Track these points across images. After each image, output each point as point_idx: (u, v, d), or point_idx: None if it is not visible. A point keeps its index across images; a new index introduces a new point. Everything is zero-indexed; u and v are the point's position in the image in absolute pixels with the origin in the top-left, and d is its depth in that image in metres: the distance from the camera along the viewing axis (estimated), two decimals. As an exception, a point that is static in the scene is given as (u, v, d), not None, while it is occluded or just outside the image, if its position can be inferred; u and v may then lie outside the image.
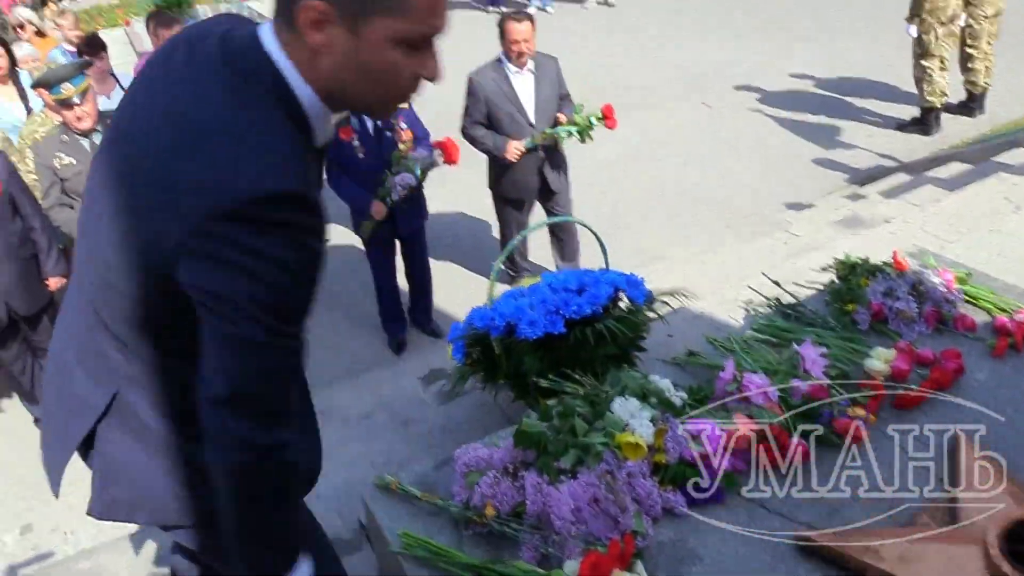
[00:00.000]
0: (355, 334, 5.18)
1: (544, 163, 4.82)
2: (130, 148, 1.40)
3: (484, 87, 4.68)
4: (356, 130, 4.42)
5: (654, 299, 2.83)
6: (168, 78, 1.42)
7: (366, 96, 1.40)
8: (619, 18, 11.58)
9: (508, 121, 4.68)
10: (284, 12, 1.32)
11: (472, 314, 2.70)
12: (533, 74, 4.67)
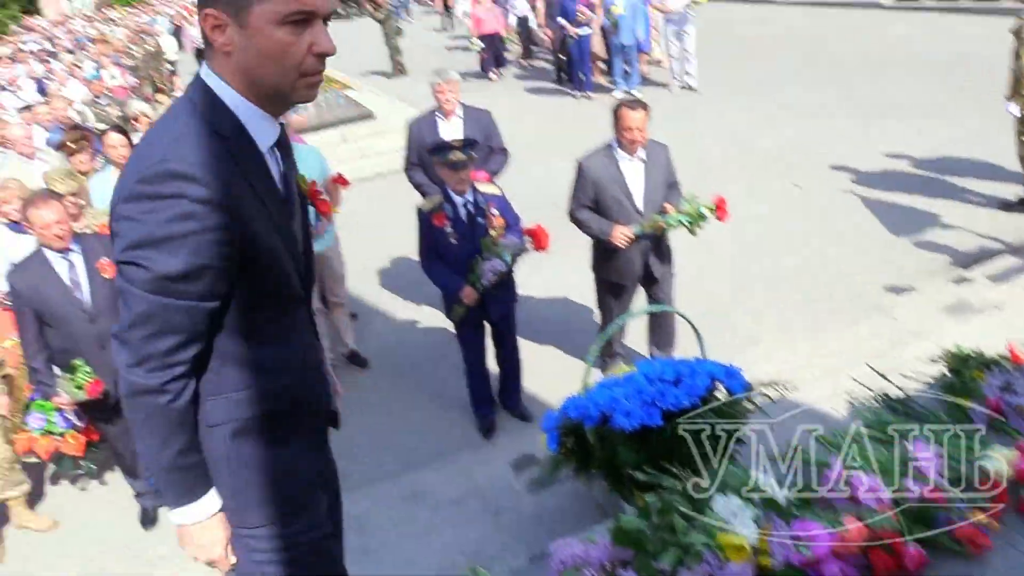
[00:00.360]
0: (444, 416, 5.20)
1: (649, 250, 4.81)
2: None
3: (593, 172, 4.70)
4: (449, 217, 4.53)
5: (753, 390, 2.76)
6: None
7: (274, 77, 1.71)
8: (703, 100, 11.66)
9: (616, 207, 4.68)
10: (202, 34, 1.70)
11: (567, 403, 2.68)
12: (643, 162, 4.67)
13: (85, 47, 17.14)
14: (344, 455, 4.80)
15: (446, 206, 4.56)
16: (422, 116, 5.92)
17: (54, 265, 4.12)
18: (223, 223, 1.67)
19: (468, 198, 4.57)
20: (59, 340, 4.17)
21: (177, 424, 1.82)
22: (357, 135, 11.50)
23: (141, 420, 1.82)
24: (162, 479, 1.89)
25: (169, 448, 1.83)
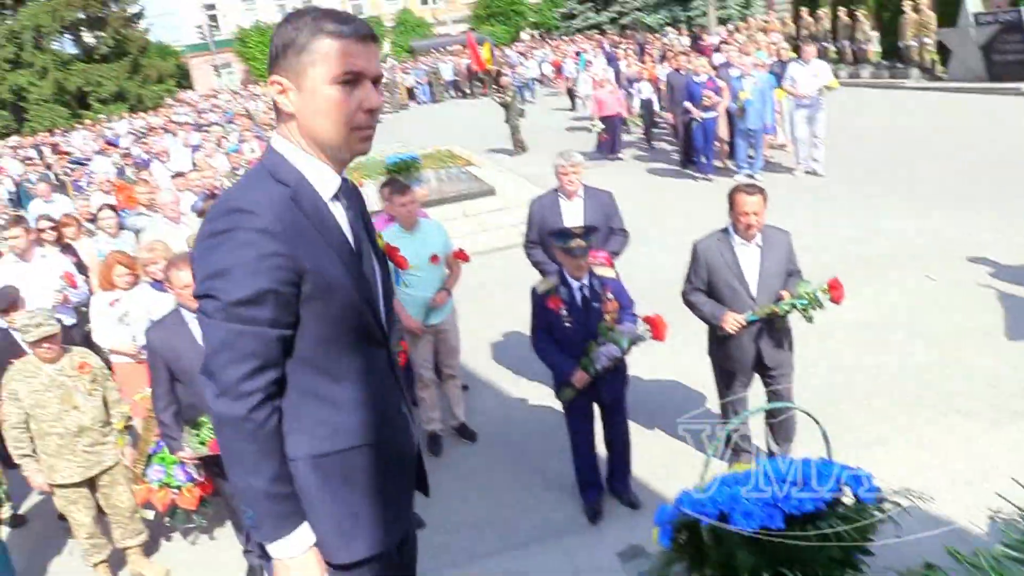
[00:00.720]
0: (548, 496, 5.11)
1: (762, 337, 4.67)
2: None
3: (707, 255, 4.67)
4: (564, 300, 4.53)
5: (883, 498, 2.58)
6: None
7: (329, 132, 1.93)
8: (828, 186, 11.37)
9: (729, 292, 4.62)
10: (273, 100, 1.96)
11: (681, 496, 2.58)
12: (760, 247, 4.60)
13: (232, 121, 18.37)
14: (446, 528, 4.87)
15: (561, 289, 4.56)
16: (544, 195, 6.00)
17: (189, 324, 4.24)
18: (280, 251, 1.84)
19: (584, 282, 4.56)
20: (188, 395, 4.25)
21: (265, 452, 1.91)
22: (478, 210, 11.79)
23: (230, 449, 1.92)
24: (256, 509, 1.94)
25: (260, 476, 1.91)
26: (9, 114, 38.76)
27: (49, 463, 4.58)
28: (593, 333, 4.50)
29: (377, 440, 2.09)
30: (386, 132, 21.46)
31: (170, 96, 41.00)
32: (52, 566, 5.29)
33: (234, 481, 1.96)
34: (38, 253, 6.50)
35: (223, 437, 1.92)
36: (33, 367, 4.55)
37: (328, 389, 2.00)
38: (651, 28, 32.60)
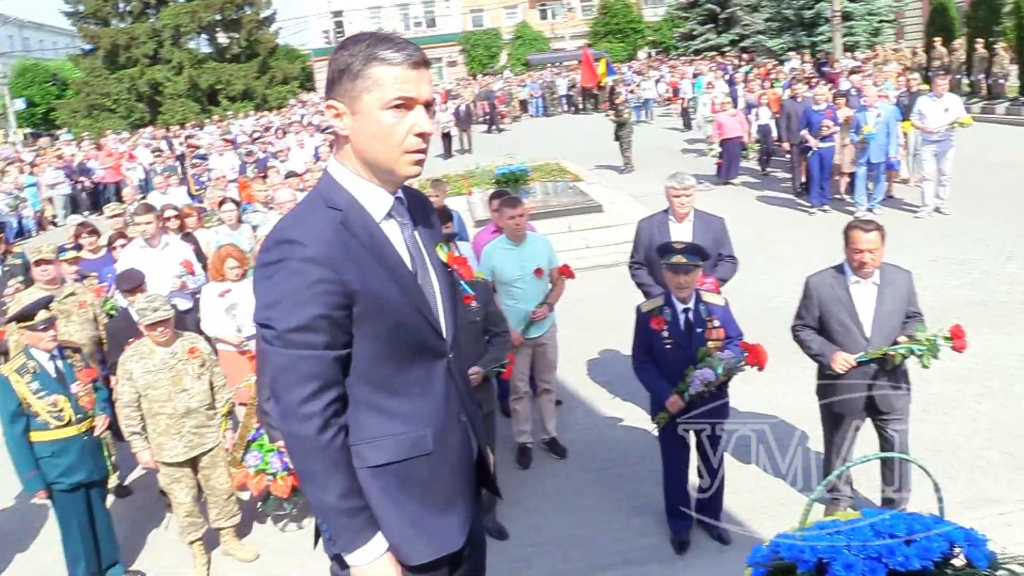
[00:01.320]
0: (635, 521, 5.03)
1: (876, 380, 4.45)
2: None
3: (820, 291, 4.51)
4: (667, 321, 4.47)
5: (999, 564, 2.42)
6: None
7: (381, 155, 2.00)
8: (954, 227, 10.81)
9: (840, 331, 4.44)
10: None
11: (778, 540, 2.47)
12: (877, 286, 4.41)
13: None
14: (529, 542, 4.85)
15: (666, 310, 4.50)
16: (654, 216, 5.94)
17: None
18: (326, 277, 1.92)
19: (690, 305, 4.48)
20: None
21: (334, 468, 1.98)
22: (583, 226, 11.76)
23: (300, 467, 2.01)
24: (331, 523, 2.04)
25: (330, 492, 1.98)
26: (145, 106, 41.04)
27: (157, 441, 4.78)
28: (693, 358, 4.41)
29: (434, 449, 2.14)
30: (497, 143, 21.73)
31: (293, 97, 42.60)
32: (150, 537, 5.54)
33: (308, 497, 2.05)
34: (163, 240, 6.84)
35: (293, 456, 2.02)
36: (147, 349, 4.75)
37: (386, 402, 2.08)
38: (772, 52, 31.89)
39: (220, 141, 17.69)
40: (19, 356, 4.73)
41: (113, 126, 36.22)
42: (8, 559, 5.43)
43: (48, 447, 4.62)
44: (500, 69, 45.85)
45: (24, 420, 4.57)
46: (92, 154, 22.41)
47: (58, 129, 40.81)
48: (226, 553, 5.17)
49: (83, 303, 6.12)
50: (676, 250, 4.44)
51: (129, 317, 5.56)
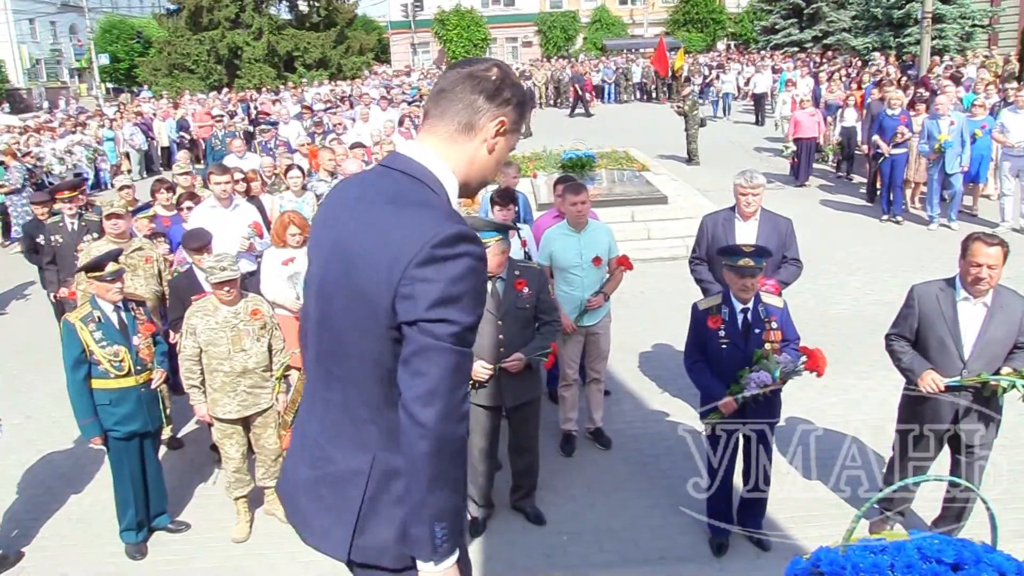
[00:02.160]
0: (675, 519, 4.97)
1: (967, 411, 4.19)
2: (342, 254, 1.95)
3: (923, 303, 4.26)
4: (725, 320, 4.38)
5: (1050, 599, 2.33)
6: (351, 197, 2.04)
7: (491, 175, 2.14)
8: None
9: (937, 347, 4.19)
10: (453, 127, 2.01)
11: (820, 553, 2.42)
12: (987, 307, 4.13)
13: (414, 101, 18.91)
14: (566, 530, 4.84)
15: (724, 309, 4.41)
16: (719, 212, 5.85)
17: None
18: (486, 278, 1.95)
19: (749, 306, 4.39)
20: None
21: (464, 470, 1.94)
22: (646, 216, 11.63)
23: (443, 470, 1.84)
24: (451, 527, 1.87)
25: (460, 494, 1.91)
26: (223, 69, 41.80)
27: (213, 397, 4.91)
28: (749, 359, 4.32)
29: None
30: (566, 127, 21.60)
31: (368, 68, 42.96)
32: (198, 490, 5.69)
33: (434, 502, 1.84)
34: (234, 202, 6.96)
35: (440, 460, 1.82)
36: (212, 306, 4.87)
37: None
38: (856, 51, 30.96)
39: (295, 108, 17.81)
40: (85, 305, 4.89)
41: (192, 87, 36.97)
42: (63, 499, 5.63)
43: (107, 395, 4.77)
44: (576, 52, 45.44)
45: (86, 367, 4.73)
46: (169, 112, 22.91)
47: (139, 86, 41.87)
48: (268, 512, 5.29)
49: (149, 258, 6.28)
50: (744, 253, 4.34)
51: (193, 275, 5.69)
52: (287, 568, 4.83)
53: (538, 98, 31.70)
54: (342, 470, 2.00)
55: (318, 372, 2.08)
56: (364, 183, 2.07)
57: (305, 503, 2.08)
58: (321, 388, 2.07)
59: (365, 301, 1.88)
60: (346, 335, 1.95)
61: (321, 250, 2.05)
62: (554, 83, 32.18)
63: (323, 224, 2.11)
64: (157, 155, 21.05)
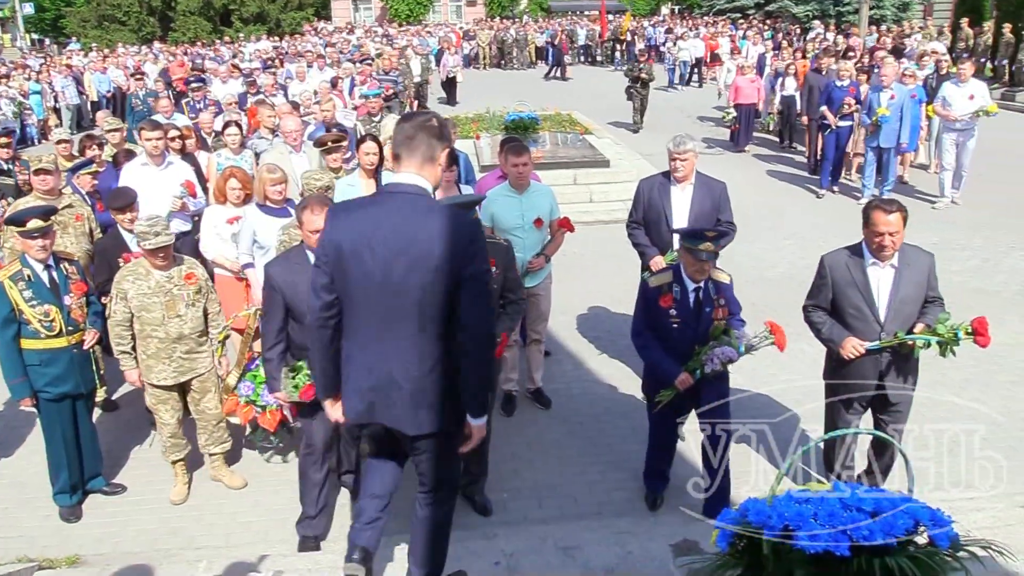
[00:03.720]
0: (613, 476, 5.12)
1: (889, 369, 4.32)
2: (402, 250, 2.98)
3: (834, 272, 4.33)
4: (676, 300, 4.35)
5: (960, 546, 2.46)
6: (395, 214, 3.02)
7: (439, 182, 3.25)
8: (963, 217, 10.59)
9: (854, 314, 4.27)
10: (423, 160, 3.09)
11: (748, 503, 2.51)
12: (895, 268, 4.23)
13: (354, 60, 18.31)
14: (508, 487, 4.91)
15: (675, 288, 4.37)
16: (654, 177, 5.91)
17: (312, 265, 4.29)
18: None
19: (700, 285, 4.37)
20: (299, 337, 4.24)
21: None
22: (589, 179, 11.69)
23: (488, 362, 3.16)
24: (484, 395, 3.22)
25: (490, 376, 3.33)
26: (156, 21, 40.37)
27: (146, 363, 4.79)
28: (699, 337, 4.32)
29: None
30: (510, 89, 21.43)
31: (308, 23, 41.89)
32: (133, 452, 5.61)
33: (481, 381, 3.16)
34: (166, 159, 6.77)
35: (486, 353, 3.12)
36: (143, 270, 4.70)
37: None
38: (797, 19, 31.32)
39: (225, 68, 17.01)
40: (15, 263, 4.71)
41: (123, 39, 35.64)
42: (-7, 462, 5.51)
43: (37, 355, 4.64)
44: (520, 13, 44.95)
45: (15, 326, 4.59)
46: (100, 66, 22.06)
47: (66, 38, 40.20)
48: (215, 479, 5.22)
49: (80, 216, 6.08)
50: (706, 237, 4.26)
51: (118, 235, 5.52)
52: (225, 527, 4.83)
53: (481, 59, 31.43)
54: (427, 378, 3.07)
55: (385, 327, 3.04)
56: (383, 204, 3.09)
57: (400, 411, 3.10)
58: (394, 333, 3.03)
59: (440, 272, 2.94)
60: (420, 297, 2.97)
61: (376, 253, 2.98)
62: (498, 43, 31.84)
63: (371, 232, 2.99)
64: (87, 110, 20.26)
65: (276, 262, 4.39)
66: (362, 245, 2.99)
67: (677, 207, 5.63)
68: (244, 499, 5.09)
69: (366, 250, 2.98)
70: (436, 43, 27.26)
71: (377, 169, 6.28)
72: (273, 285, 4.21)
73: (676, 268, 4.43)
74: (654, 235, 5.73)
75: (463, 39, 31.28)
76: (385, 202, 3.07)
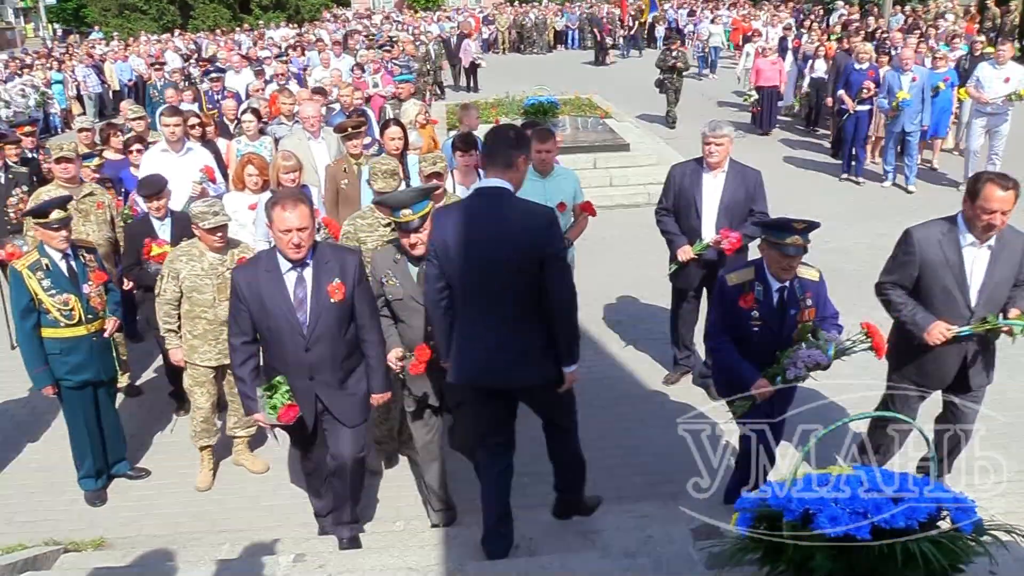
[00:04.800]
0: (631, 460, 5.13)
1: (974, 356, 3.99)
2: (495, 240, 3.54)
3: (925, 250, 3.92)
4: (758, 300, 3.97)
5: (984, 530, 2.43)
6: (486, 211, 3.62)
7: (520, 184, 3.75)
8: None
9: (942, 297, 3.91)
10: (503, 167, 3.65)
11: (769, 487, 2.50)
12: (991, 249, 3.86)
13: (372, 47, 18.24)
14: (527, 472, 4.89)
15: (757, 287, 3.98)
16: (686, 163, 5.76)
17: (284, 275, 3.84)
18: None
19: (785, 284, 3.97)
20: (269, 356, 4.02)
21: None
22: (609, 163, 11.62)
23: (576, 320, 3.76)
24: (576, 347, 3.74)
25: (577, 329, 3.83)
26: (176, 10, 40.52)
27: (191, 343, 4.81)
28: (783, 342, 3.94)
29: None
30: (528, 73, 21.33)
31: (327, 10, 41.88)
32: (157, 438, 5.68)
33: (574, 335, 3.74)
34: (186, 145, 6.81)
35: (575, 314, 3.71)
36: (198, 252, 4.70)
37: None
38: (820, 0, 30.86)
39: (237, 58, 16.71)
40: (33, 252, 4.75)
41: (144, 28, 35.83)
42: (19, 448, 5.59)
43: (57, 344, 4.68)
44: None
45: (35, 316, 4.63)
46: (121, 55, 22.19)
47: (88, 27, 40.46)
48: (237, 463, 5.26)
49: (101, 204, 6.11)
50: (794, 230, 3.79)
51: (148, 222, 5.54)
52: (248, 513, 4.88)
53: (500, 43, 31.27)
54: (527, 343, 3.64)
55: (488, 304, 3.60)
56: (475, 204, 3.69)
57: (508, 372, 3.67)
58: (496, 308, 3.59)
59: (526, 254, 3.49)
60: (513, 275, 3.52)
61: (474, 245, 3.54)
62: (517, 28, 31.67)
63: (469, 228, 3.57)
64: (109, 99, 20.40)
65: (244, 268, 4.05)
66: (462, 239, 3.56)
67: (708, 195, 5.46)
68: (266, 483, 5.15)
69: (466, 243, 3.55)
70: (455, 28, 27.11)
71: (403, 153, 6.23)
72: (239, 295, 3.87)
73: (759, 264, 4.02)
74: (683, 223, 5.58)
75: (482, 23, 31.13)
76: (476, 202, 3.67)
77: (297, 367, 3.89)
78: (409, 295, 4.11)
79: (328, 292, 3.81)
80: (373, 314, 4.04)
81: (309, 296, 3.83)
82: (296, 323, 3.83)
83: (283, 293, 3.82)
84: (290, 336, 3.85)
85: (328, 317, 3.84)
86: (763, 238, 3.97)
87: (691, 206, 5.51)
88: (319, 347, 3.86)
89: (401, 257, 4.12)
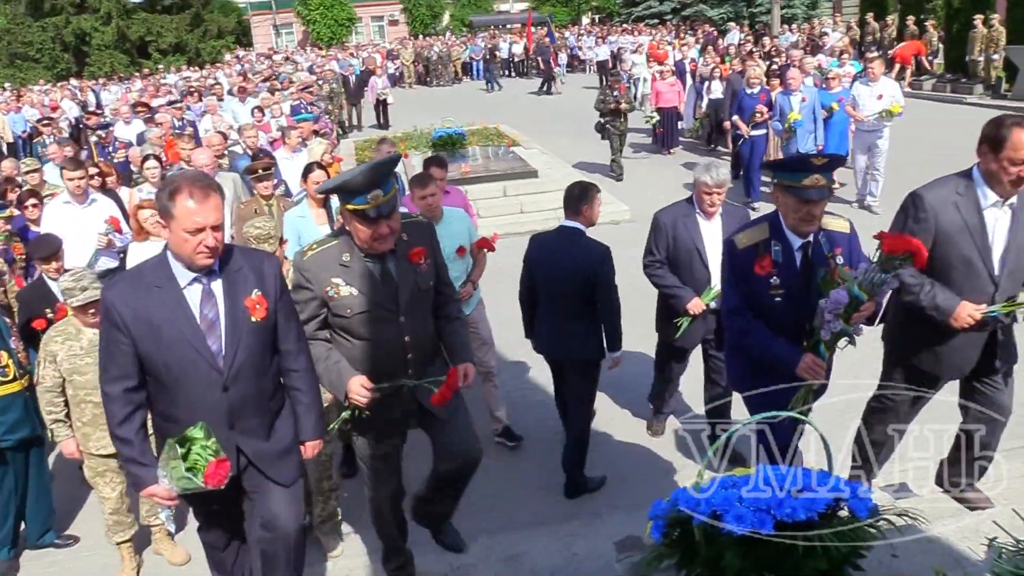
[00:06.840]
0: (556, 482, 5.17)
1: (999, 341, 3.47)
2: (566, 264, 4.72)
3: (940, 213, 3.33)
4: (776, 263, 3.25)
5: (879, 515, 2.59)
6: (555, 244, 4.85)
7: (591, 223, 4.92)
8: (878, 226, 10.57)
9: (962, 269, 3.33)
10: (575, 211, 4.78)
11: (678, 493, 2.61)
12: (1012, 208, 3.30)
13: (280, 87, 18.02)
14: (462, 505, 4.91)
15: (774, 247, 3.24)
16: (675, 208, 5.14)
17: (184, 289, 2.91)
18: None
19: (809, 238, 3.23)
20: (165, 403, 2.99)
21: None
22: (519, 190, 11.82)
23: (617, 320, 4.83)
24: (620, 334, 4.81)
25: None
26: (71, 57, 39.46)
27: (83, 431, 4.29)
28: (811, 313, 3.17)
29: None
30: (435, 106, 21.48)
31: (229, 52, 41.42)
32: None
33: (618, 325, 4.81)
34: (89, 196, 6.66)
35: (616, 314, 4.80)
36: (74, 329, 4.22)
37: None
38: (712, 22, 32.13)
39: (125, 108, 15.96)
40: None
41: (37, 76, 34.77)
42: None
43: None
44: (442, 30, 45.16)
45: None
46: (13, 106, 21.48)
47: (-24, 78, 39.01)
48: (156, 552, 4.83)
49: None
50: (814, 167, 3.09)
51: (43, 285, 5.25)
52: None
53: (406, 77, 31.45)
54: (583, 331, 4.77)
55: (560, 306, 4.80)
56: (556, 239, 4.82)
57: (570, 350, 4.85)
58: (563, 310, 4.78)
59: (587, 279, 4.63)
60: (576, 290, 4.66)
61: (551, 266, 4.76)
62: (423, 61, 31.94)
63: (552, 252, 4.77)
64: (3, 152, 19.66)
65: (118, 285, 3.00)
66: (544, 261, 4.83)
67: (710, 242, 4.93)
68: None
69: (547, 264, 4.81)
70: (360, 64, 27.09)
71: (326, 199, 5.75)
72: (116, 322, 2.85)
73: (773, 219, 3.30)
74: (685, 275, 5.03)
75: (387, 58, 31.28)
76: (557, 238, 4.83)
77: (211, 413, 2.92)
78: (376, 302, 3.23)
79: (247, 308, 2.92)
80: (301, 336, 3.15)
81: (223, 316, 2.91)
82: (208, 354, 2.88)
83: (185, 314, 2.87)
84: (200, 372, 2.89)
85: (250, 342, 2.94)
86: (775, 182, 3.29)
87: (693, 256, 4.98)
88: (240, 384, 2.94)
89: (352, 256, 3.23)
